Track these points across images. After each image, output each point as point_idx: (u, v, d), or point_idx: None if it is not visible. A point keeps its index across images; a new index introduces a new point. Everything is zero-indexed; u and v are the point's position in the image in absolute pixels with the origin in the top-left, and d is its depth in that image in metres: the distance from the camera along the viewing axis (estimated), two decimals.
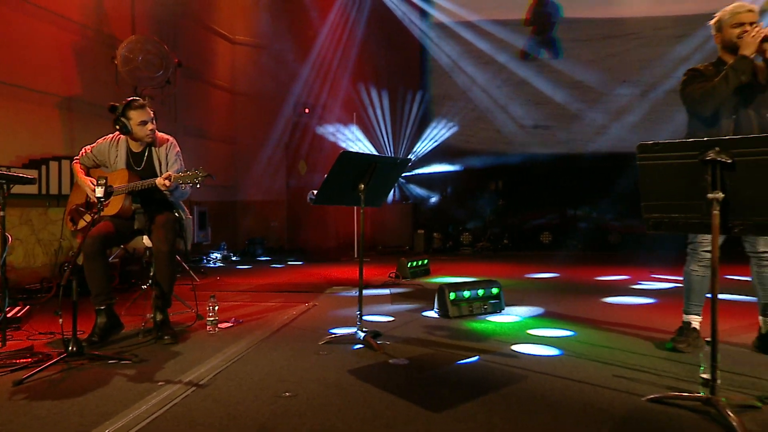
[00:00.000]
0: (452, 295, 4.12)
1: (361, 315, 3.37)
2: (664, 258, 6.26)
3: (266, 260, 8.58)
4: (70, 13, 6.07)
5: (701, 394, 2.31)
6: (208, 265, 7.88)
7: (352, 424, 2.15)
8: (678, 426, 2.15)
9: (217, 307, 3.62)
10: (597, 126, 9.88)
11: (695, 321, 3.28)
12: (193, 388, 2.52)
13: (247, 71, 9.65)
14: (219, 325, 3.66)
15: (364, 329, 3.33)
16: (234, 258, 8.50)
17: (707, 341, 3.15)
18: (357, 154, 3.25)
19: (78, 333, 2.86)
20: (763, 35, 2.86)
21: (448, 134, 10.04)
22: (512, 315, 4.19)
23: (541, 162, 9.83)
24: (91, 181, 3.42)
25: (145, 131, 3.43)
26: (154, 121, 3.47)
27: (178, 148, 3.63)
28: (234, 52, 9.67)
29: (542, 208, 10.24)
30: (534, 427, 2.14)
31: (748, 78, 2.96)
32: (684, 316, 3.29)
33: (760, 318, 3.19)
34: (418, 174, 10.31)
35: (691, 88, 3.10)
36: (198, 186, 3.24)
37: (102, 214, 3.26)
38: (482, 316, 4.13)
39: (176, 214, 3.52)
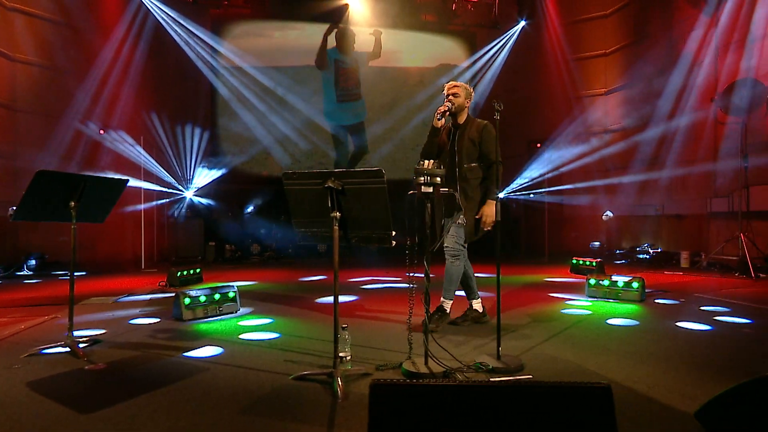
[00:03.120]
0: (187, 300, 3.91)
1: (71, 325, 2.98)
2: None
3: (45, 274, 7.31)
4: None
5: (330, 370, 2.47)
6: None
7: None
8: (303, 395, 2.26)
9: None
10: (383, 155, 10.50)
11: (447, 304, 3.62)
12: None
13: (30, 89, 8.19)
14: None
15: (78, 340, 2.96)
16: (3, 274, 7.07)
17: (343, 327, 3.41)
18: (58, 173, 2.89)
19: None
20: (440, 111, 3.34)
21: (236, 161, 9.75)
22: (244, 315, 4.12)
23: None
24: None
25: None
26: None
27: None
28: (14, 69, 8.14)
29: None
30: (175, 412, 2.06)
31: (444, 138, 3.48)
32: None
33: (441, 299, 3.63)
34: (210, 194, 9.83)
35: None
36: None
37: None
38: (217, 317, 3.99)
39: None
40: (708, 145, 8.04)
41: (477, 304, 3.71)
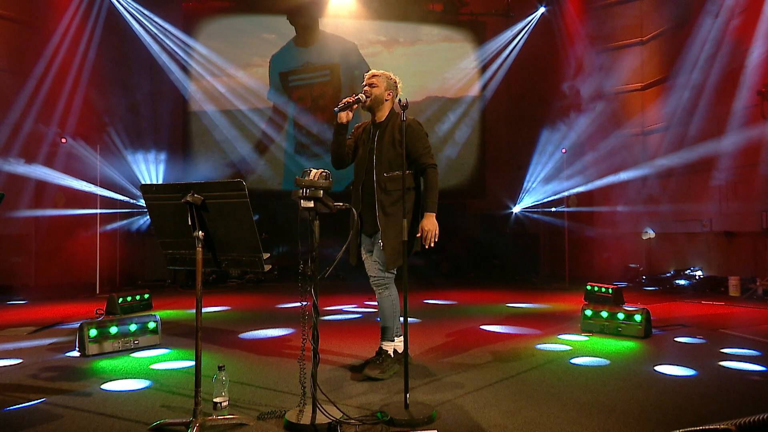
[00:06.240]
0: (93, 332, 3.90)
1: None
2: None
3: None
4: None
5: (190, 419, 2.37)
6: None
7: None
8: None
9: None
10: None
11: (388, 346, 3.37)
12: None
13: None
14: None
15: None
16: None
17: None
18: None
19: None
20: (343, 102, 3.13)
21: (210, 172, 9.87)
22: (166, 348, 4.07)
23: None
24: None
25: None
26: None
27: None
28: None
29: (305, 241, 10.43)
30: None
31: (363, 138, 3.33)
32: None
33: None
34: None
35: None
36: None
37: None
38: (130, 352, 3.95)
39: None
40: (762, 147, 7.62)
41: (389, 346, 3.35)
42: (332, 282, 9.36)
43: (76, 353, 3.92)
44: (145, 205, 2.48)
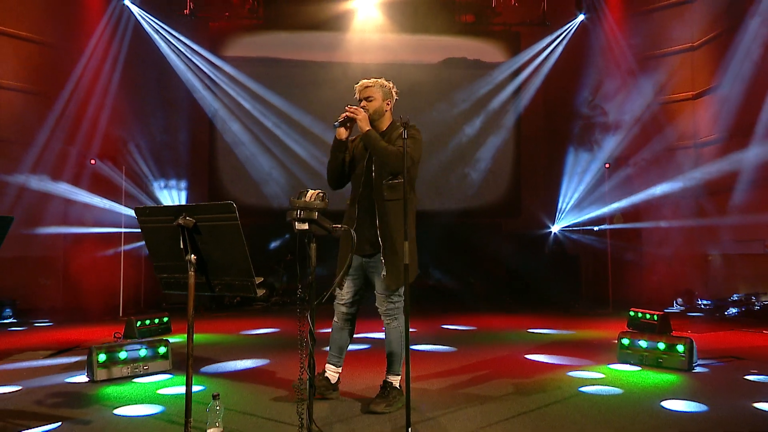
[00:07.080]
0: (102, 357, 4.00)
1: None
2: None
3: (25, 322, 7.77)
4: None
5: None
6: None
7: None
8: None
9: None
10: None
11: (330, 370, 3.42)
12: None
13: (14, 118, 8.92)
14: None
15: None
16: None
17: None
18: None
19: None
20: (343, 117, 3.15)
21: (237, 192, 10.09)
22: (172, 373, 4.14)
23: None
24: None
25: None
26: None
27: None
28: None
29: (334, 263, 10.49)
30: None
31: (361, 149, 3.28)
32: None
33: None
34: None
35: None
36: None
37: None
38: (141, 378, 4.03)
39: None
40: None
41: (395, 379, 3.26)
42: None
43: (85, 378, 4.04)
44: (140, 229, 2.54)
